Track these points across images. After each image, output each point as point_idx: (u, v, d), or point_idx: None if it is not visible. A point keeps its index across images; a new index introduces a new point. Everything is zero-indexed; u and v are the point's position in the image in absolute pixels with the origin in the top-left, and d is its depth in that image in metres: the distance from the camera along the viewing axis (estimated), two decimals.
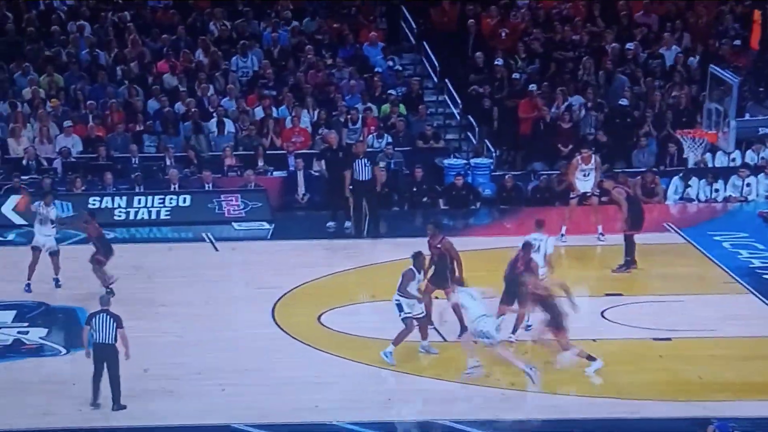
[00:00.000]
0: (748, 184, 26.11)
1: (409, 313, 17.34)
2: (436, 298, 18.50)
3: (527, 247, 18.29)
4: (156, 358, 17.74)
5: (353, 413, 16.12)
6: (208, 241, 23.47)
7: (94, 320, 16.10)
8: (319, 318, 19.32)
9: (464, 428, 15.69)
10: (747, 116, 24.75)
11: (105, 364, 15.98)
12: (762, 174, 26.20)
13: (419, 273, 17.59)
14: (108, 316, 16.03)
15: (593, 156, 23.48)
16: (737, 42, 28.55)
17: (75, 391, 16.45)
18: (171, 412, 16.30)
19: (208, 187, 25.27)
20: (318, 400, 16.54)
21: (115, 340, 15.97)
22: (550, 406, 16.42)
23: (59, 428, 15.76)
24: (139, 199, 24.82)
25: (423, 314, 17.60)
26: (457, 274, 18.20)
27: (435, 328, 18.19)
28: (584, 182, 23.27)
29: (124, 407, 16.08)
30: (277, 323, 19.07)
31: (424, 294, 18.12)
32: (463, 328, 18.18)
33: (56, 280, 20.62)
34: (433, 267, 18.25)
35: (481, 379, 16.90)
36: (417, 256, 17.59)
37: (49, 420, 15.93)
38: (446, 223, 24.91)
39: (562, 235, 22.61)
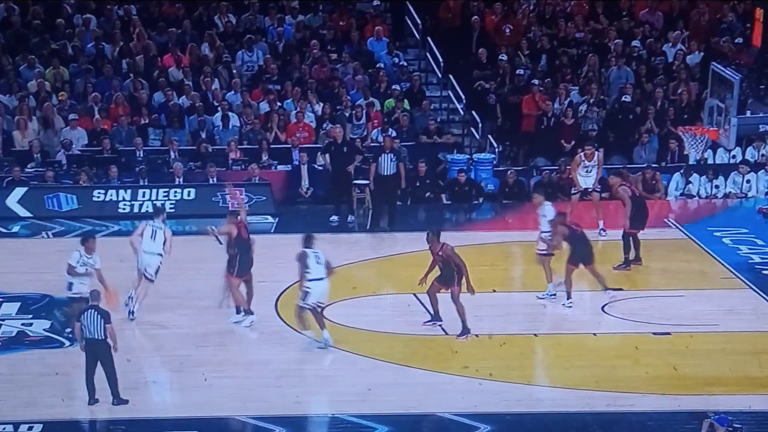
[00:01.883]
0: (748, 181, 26.23)
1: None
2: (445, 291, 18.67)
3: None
4: (159, 350, 17.89)
5: (355, 405, 16.20)
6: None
7: (83, 316, 16.10)
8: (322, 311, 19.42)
9: (465, 421, 15.83)
10: (748, 113, 24.84)
11: (97, 360, 15.98)
12: (762, 171, 26.32)
13: (311, 250, 17.87)
14: (96, 312, 16.02)
15: (596, 152, 23.60)
16: (739, 40, 28.64)
17: (76, 383, 16.36)
18: (175, 404, 16.43)
19: (213, 180, 25.41)
20: (321, 392, 16.67)
21: (105, 336, 15.95)
22: (544, 399, 16.52)
23: (47, 420, 15.64)
24: (144, 192, 24.97)
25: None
26: (464, 280, 18.37)
27: (440, 325, 18.54)
28: (586, 178, 23.41)
29: (126, 401, 16.05)
30: (280, 316, 19.17)
31: (430, 293, 18.34)
32: (465, 329, 18.37)
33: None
34: (439, 271, 18.49)
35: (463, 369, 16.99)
36: (307, 238, 17.99)
37: (34, 412, 15.81)
38: (449, 217, 25.13)
39: None
